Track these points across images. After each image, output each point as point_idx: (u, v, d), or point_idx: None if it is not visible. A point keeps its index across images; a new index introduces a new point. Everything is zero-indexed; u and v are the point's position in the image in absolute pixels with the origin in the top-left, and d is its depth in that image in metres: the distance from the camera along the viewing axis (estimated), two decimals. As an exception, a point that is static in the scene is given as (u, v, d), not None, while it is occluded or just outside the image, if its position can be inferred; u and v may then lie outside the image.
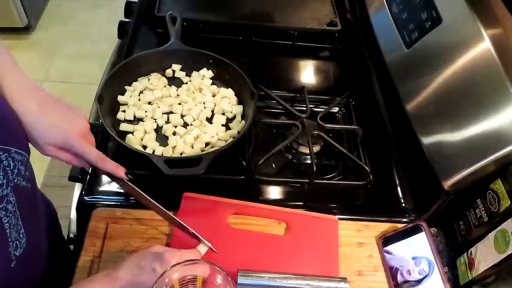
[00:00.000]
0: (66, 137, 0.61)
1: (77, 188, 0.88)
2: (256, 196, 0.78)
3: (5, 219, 0.54)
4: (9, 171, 0.55)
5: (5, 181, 0.54)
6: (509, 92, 0.65)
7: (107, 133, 0.74)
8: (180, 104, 0.86)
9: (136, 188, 0.66)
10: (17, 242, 0.57)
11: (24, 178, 0.59)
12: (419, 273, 0.68)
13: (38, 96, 0.61)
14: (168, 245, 0.69)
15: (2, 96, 0.58)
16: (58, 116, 0.61)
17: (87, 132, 0.64)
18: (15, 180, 0.56)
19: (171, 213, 0.67)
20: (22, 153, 0.59)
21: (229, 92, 0.89)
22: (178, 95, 0.87)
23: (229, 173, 0.80)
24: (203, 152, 0.77)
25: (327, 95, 0.97)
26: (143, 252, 0.60)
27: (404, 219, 0.78)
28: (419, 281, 0.68)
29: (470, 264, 0.69)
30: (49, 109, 0.61)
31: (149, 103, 0.85)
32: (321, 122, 0.87)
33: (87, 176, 0.76)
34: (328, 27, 1.07)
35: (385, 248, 0.73)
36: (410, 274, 0.69)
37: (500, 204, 0.64)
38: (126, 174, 0.66)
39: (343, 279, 0.66)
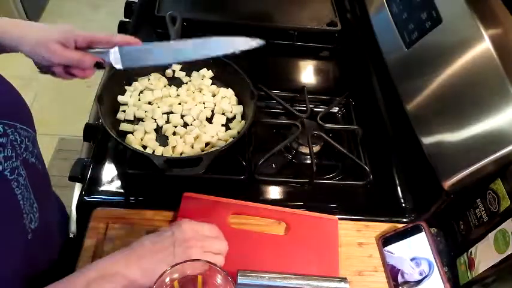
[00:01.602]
0: (69, 29, 0.65)
1: (77, 188, 0.88)
2: (256, 196, 0.78)
3: (17, 191, 0.55)
4: (16, 145, 0.56)
5: (13, 154, 0.55)
6: (509, 92, 0.65)
7: (107, 133, 0.74)
8: (180, 104, 0.86)
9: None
10: (31, 215, 0.58)
11: (32, 155, 0.60)
12: (419, 273, 0.68)
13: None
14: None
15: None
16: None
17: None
18: (24, 155, 0.58)
19: None
20: (28, 130, 0.60)
21: (229, 92, 0.89)
22: (178, 95, 0.87)
23: (229, 173, 0.80)
24: (203, 152, 0.77)
25: (327, 95, 0.97)
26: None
27: (404, 219, 0.78)
28: (419, 281, 0.68)
29: (470, 264, 0.69)
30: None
31: (149, 103, 0.85)
32: (321, 122, 0.87)
33: (87, 176, 0.76)
34: (328, 27, 1.07)
35: (385, 248, 0.73)
36: (411, 275, 0.69)
37: (500, 204, 0.64)
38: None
39: (343, 279, 0.66)
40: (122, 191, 0.76)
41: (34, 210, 0.59)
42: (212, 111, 0.86)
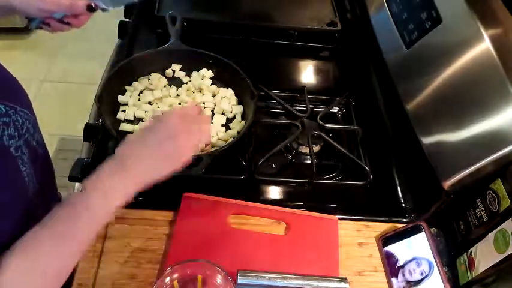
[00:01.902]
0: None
1: (77, 188, 0.88)
2: (256, 196, 0.78)
3: (22, 168, 0.56)
4: (18, 126, 0.57)
5: (16, 133, 0.56)
6: (509, 92, 0.65)
7: (107, 133, 0.74)
8: (180, 104, 0.86)
9: None
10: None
11: (34, 138, 0.61)
12: (420, 273, 0.68)
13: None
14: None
15: None
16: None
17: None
18: (26, 136, 0.59)
19: None
20: (27, 113, 0.61)
21: (229, 92, 0.89)
22: (178, 95, 0.87)
23: (229, 173, 0.80)
24: (203, 152, 0.77)
25: (327, 95, 0.97)
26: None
27: (404, 219, 0.78)
28: (419, 281, 0.68)
29: (470, 264, 0.69)
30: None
31: (149, 103, 0.85)
32: (321, 122, 0.87)
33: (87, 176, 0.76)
34: (328, 27, 1.07)
35: (385, 248, 0.73)
36: (411, 275, 0.69)
37: (500, 204, 0.64)
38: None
39: (343, 279, 0.66)
40: (122, 191, 0.76)
41: (36, 193, 0.60)
42: (212, 111, 0.86)
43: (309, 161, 0.84)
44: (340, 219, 0.76)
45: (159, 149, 0.57)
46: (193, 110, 0.64)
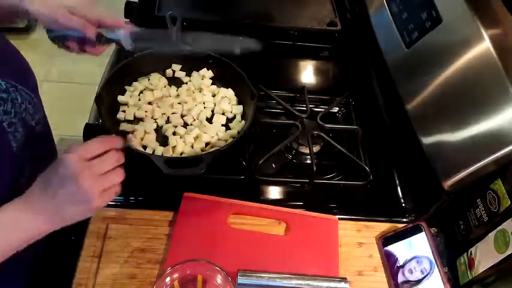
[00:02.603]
0: (81, 3, 0.63)
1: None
2: (256, 196, 0.78)
3: (13, 143, 0.58)
4: (16, 104, 0.59)
5: (12, 110, 0.58)
6: (509, 92, 0.65)
7: (107, 133, 0.74)
8: (180, 104, 0.85)
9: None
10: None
11: (32, 118, 0.63)
12: (421, 272, 0.68)
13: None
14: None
15: None
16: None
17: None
18: (23, 115, 0.60)
19: None
20: (29, 93, 0.62)
21: (229, 92, 0.89)
22: (178, 95, 0.87)
23: (229, 173, 0.80)
24: (203, 152, 0.77)
25: (327, 95, 0.97)
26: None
27: (404, 219, 0.78)
28: (419, 281, 0.68)
29: (470, 264, 0.69)
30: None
31: (149, 103, 0.85)
32: (321, 122, 0.87)
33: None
34: (328, 27, 1.07)
35: (385, 248, 0.73)
36: (411, 273, 0.69)
37: (500, 204, 0.64)
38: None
39: (343, 279, 0.66)
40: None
41: (25, 169, 0.61)
42: (212, 111, 0.86)
43: (309, 161, 0.84)
44: (340, 219, 0.76)
45: (61, 189, 0.53)
46: (99, 147, 0.56)
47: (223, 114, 0.85)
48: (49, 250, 0.79)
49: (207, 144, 0.80)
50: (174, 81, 0.90)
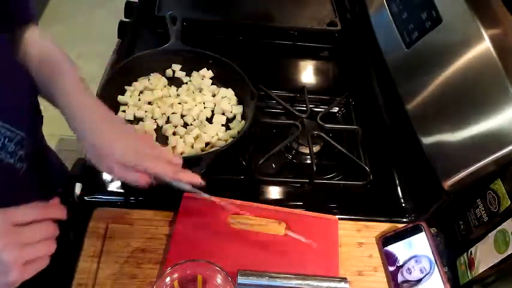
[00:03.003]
0: (138, 154, 0.59)
1: (77, 188, 0.88)
2: (256, 196, 0.78)
3: None
4: None
5: None
6: (509, 92, 0.65)
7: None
8: (180, 104, 0.86)
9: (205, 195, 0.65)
10: None
11: (11, 156, 0.59)
12: (420, 271, 0.68)
13: (109, 118, 0.62)
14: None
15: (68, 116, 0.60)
16: (129, 136, 0.61)
17: (154, 147, 0.63)
18: None
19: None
20: (14, 131, 0.59)
21: (229, 92, 0.89)
22: (178, 95, 0.87)
23: (229, 173, 0.80)
24: (203, 152, 0.77)
25: (327, 95, 0.97)
26: None
27: (404, 219, 0.78)
28: (419, 281, 0.68)
29: (470, 264, 0.69)
30: (120, 130, 0.61)
31: (149, 103, 0.85)
32: (321, 122, 0.87)
33: (87, 176, 0.76)
34: (328, 27, 1.07)
35: (385, 248, 0.73)
36: (410, 273, 0.69)
37: (500, 204, 0.64)
38: (202, 178, 0.64)
39: (343, 280, 0.66)
40: (122, 191, 0.76)
41: None
42: (212, 111, 0.86)
43: (309, 161, 0.84)
44: (340, 219, 0.76)
45: None
46: (34, 213, 0.49)
47: (223, 114, 0.85)
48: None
49: (207, 144, 0.80)
50: (174, 81, 0.90)
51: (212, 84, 0.90)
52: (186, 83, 0.90)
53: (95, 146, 0.58)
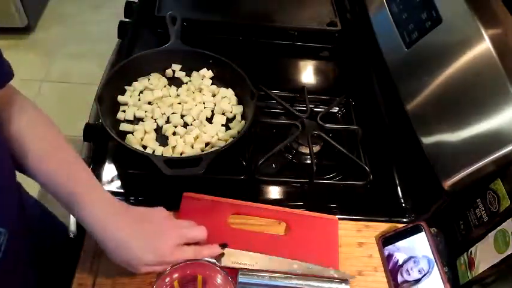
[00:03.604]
0: (160, 255, 0.59)
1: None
2: (256, 196, 0.78)
3: None
4: None
5: None
6: (509, 92, 0.65)
7: (107, 133, 0.74)
8: (180, 104, 0.86)
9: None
10: None
11: None
12: (418, 271, 0.68)
13: (127, 214, 0.61)
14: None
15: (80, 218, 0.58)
16: (150, 233, 0.60)
17: (179, 239, 0.62)
18: None
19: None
20: None
21: (229, 92, 0.89)
22: (178, 95, 0.87)
23: (229, 173, 0.80)
24: (203, 152, 0.77)
25: (327, 95, 0.97)
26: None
27: (404, 219, 0.78)
28: (419, 281, 0.68)
29: (470, 264, 0.69)
30: (139, 228, 0.60)
31: (149, 103, 0.85)
32: (321, 122, 0.87)
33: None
34: (328, 27, 1.07)
35: (385, 248, 0.73)
36: (409, 274, 0.69)
37: (500, 204, 0.64)
38: (221, 247, 0.66)
39: (344, 280, 0.66)
40: (122, 191, 0.76)
41: None
42: (212, 111, 0.86)
43: (309, 161, 0.84)
44: (340, 219, 0.76)
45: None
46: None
47: (223, 114, 0.85)
48: (50, 251, 0.79)
49: (207, 144, 0.80)
50: (174, 81, 0.90)
51: (212, 84, 0.90)
52: (186, 83, 0.90)
53: (115, 253, 0.58)
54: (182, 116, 0.84)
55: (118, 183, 0.76)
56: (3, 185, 0.56)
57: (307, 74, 1.06)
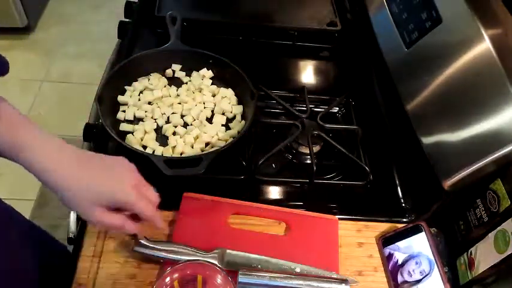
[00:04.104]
0: (116, 193, 0.55)
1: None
2: (256, 196, 0.78)
3: None
4: None
5: None
6: (509, 92, 0.65)
7: (107, 133, 0.74)
8: (180, 104, 0.86)
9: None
10: None
11: None
12: (420, 273, 0.68)
13: (73, 154, 0.55)
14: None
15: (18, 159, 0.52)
16: (103, 174, 0.56)
17: (139, 184, 0.59)
18: None
19: None
20: None
21: (229, 92, 0.89)
22: (178, 95, 0.87)
23: (229, 173, 0.80)
24: (203, 152, 0.77)
25: (327, 95, 0.97)
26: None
27: (404, 219, 0.78)
28: (419, 281, 0.68)
29: (470, 264, 0.69)
30: (91, 167, 0.55)
31: (149, 103, 0.85)
32: (321, 122, 0.87)
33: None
34: (328, 27, 1.07)
35: (385, 248, 0.73)
36: (411, 275, 0.69)
37: (500, 204, 0.64)
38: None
39: (344, 281, 0.66)
40: (122, 191, 0.76)
41: None
42: (212, 111, 0.86)
43: (309, 161, 0.84)
44: (340, 219, 0.76)
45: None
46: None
47: (223, 114, 0.85)
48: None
49: (207, 144, 0.80)
50: (174, 81, 0.90)
51: (212, 84, 0.90)
52: (186, 83, 0.90)
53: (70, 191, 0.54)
54: (182, 116, 0.84)
55: (118, 183, 0.76)
56: None
57: (307, 74, 1.06)
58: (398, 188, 0.83)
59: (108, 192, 0.55)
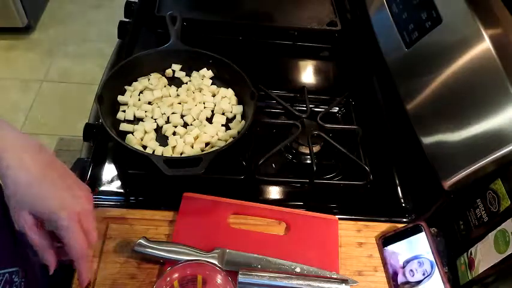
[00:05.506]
0: (61, 208, 0.49)
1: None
2: (256, 196, 0.78)
3: None
4: None
5: None
6: (509, 92, 0.65)
7: (107, 133, 0.74)
8: (180, 104, 0.86)
9: None
10: None
11: None
12: (422, 273, 0.68)
13: (36, 152, 0.51)
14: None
15: None
16: (59, 182, 0.51)
17: (84, 215, 0.52)
18: None
19: None
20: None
21: (229, 92, 0.89)
22: (178, 95, 0.87)
23: (229, 173, 0.80)
24: (203, 152, 0.77)
25: (327, 95, 0.97)
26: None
27: (404, 219, 0.78)
28: (419, 281, 0.68)
29: (470, 264, 0.69)
30: (50, 171, 0.51)
31: (149, 103, 0.85)
32: (321, 122, 0.87)
33: (87, 176, 0.76)
34: (328, 27, 1.07)
35: (385, 248, 0.73)
36: (412, 275, 0.69)
37: (500, 204, 0.64)
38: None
39: (344, 281, 0.66)
40: (121, 191, 0.76)
41: None
42: (212, 111, 0.86)
43: (309, 161, 0.84)
44: (340, 219, 0.76)
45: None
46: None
47: (223, 114, 0.85)
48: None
49: (207, 144, 0.80)
50: (174, 81, 0.90)
51: (212, 84, 0.90)
52: (186, 83, 0.90)
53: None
54: (182, 116, 0.84)
55: (118, 183, 0.76)
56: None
57: (307, 74, 1.06)
58: (399, 188, 0.83)
59: (46, 198, 0.50)
